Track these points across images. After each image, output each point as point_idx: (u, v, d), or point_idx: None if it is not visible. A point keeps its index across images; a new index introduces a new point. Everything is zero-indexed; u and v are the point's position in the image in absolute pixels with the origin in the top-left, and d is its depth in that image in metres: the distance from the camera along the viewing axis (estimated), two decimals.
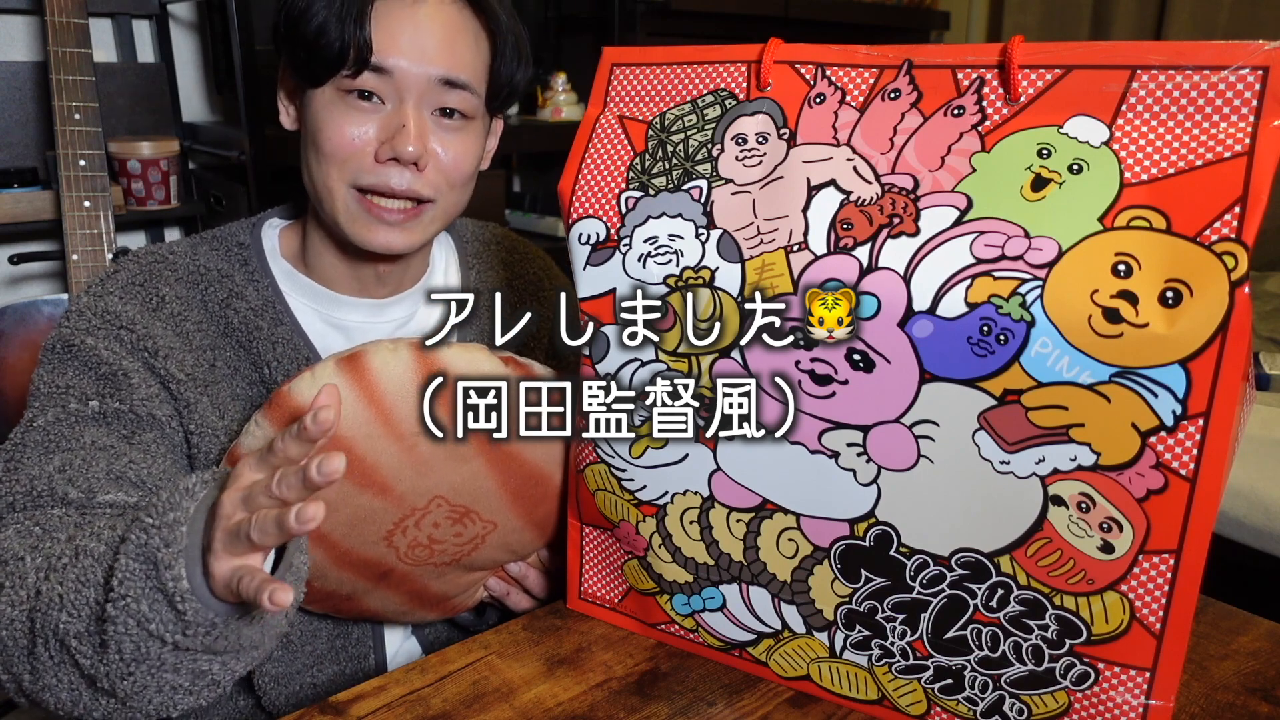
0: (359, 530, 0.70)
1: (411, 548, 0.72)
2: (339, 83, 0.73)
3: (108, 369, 0.72)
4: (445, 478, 0.70)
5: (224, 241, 0.82)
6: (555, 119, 1.96)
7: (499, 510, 0.73)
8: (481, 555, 0.76)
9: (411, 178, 0.74)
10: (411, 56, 0.72)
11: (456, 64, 0.74)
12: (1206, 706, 0.63)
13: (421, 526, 0.71)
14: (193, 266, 0.79)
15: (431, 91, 0.74)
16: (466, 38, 0.75)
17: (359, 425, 0.66)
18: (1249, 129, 0.47)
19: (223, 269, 0.79)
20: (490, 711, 0.63)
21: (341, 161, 0.74)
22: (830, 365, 0.55)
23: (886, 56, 0.57)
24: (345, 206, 0.75)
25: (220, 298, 0.78)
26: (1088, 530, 0.52)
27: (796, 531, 0.60)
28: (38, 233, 1.58)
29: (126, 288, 0.76)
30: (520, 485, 0.72)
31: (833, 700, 0.64)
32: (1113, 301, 0.48)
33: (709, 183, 0.60)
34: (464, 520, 0.73)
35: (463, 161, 0.77)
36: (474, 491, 0.71)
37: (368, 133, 0.73)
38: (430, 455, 0.68)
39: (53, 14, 1.36)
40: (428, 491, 0.70)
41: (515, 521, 0.75)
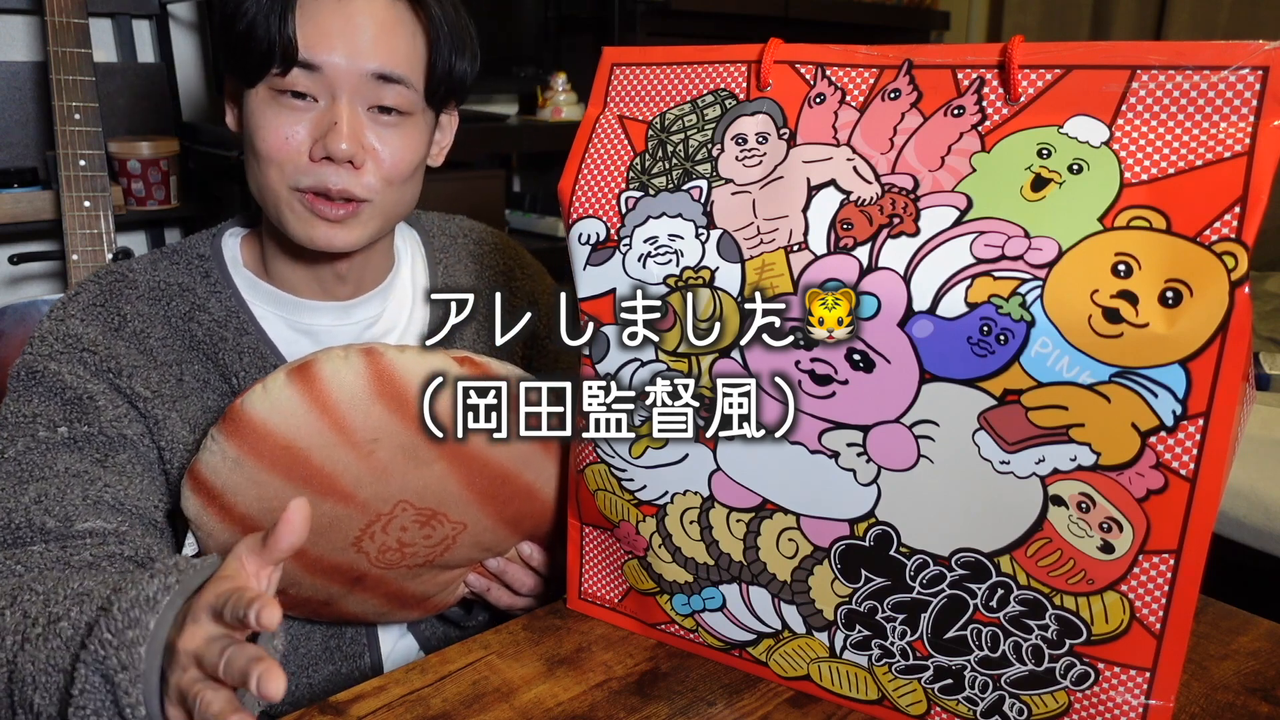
0: (326, 538, 0.69)
1: (382, 552, 0.72)
2: (271, 82, 0.72)
3: (73, 393, 0.71)
4: (407, 482, 0.69)
5: (184, 255, 0.81)
6: (555, 119, 1.96)
7: (467, 511, 0.72)
8: (455, 555, 0.75)
9: (347, 176, 0.73)
10: (341, 52, 0.71)
11: (389, 58, 0.72)
12: (1206, 706, 0.63)
13: (389, 531, 0.71)
14: (153, 283, 0.78)
15: (365, 87, 0.72)
16: (400, 30, 0.73)
17: (313, 435, 0.66)
18: (1249, 129, 0.47)
19: (184, 283, 0.79)
20: (490, 711, 0.63)
21: (279, 163, 0.73)
22: (830, 365, 0.55)
23: (886, 56, 0.57)
24: (288, 206, 0.74)
25: (183, 311, 0.77)
26: (1088, 530, 0.52)
27: (796, 531, 0.60)
28: (38, 233, 1.58)
29: (87, 309, 0.75)
30: (487, 485, 0.71)
31: (833, 700, 0.64)
32: (1113, 301, 0.48)
33: (709, 183, 0.60)
34: (432, 523, 0.72)
35: (402, 159, 0.75)
36: (439, 494, 0.70)
37: (300, 132, 0.72)
38: (388, 461, 0.67)
39: (53, 14, 1.36)
40: (391, 497, 0.69)
41: (486, 521, 0.74)
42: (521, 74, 2.00)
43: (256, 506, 0.68)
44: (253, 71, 0.71)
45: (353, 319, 0.83)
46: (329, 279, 0.81)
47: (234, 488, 0.67)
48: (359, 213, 0.75)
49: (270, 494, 0.67)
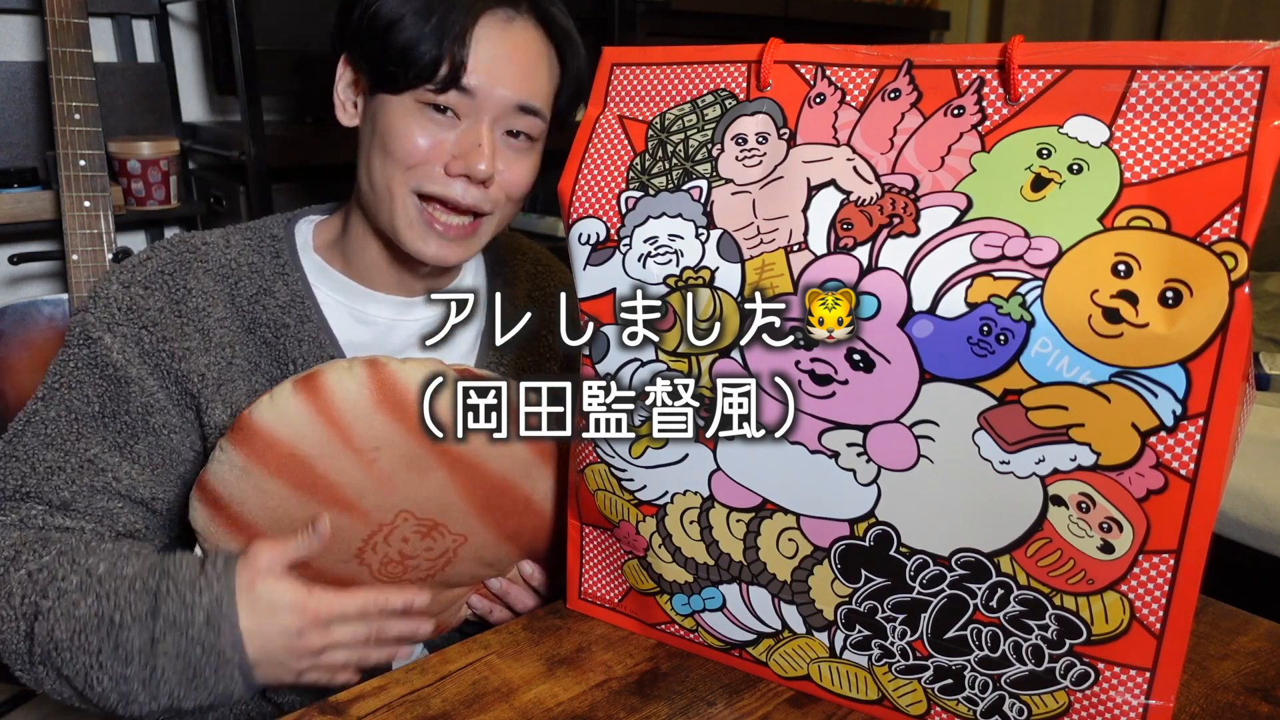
0: (330, 550, 0.70)
1: (384, 564, 0.73)
2: (421, 94, 0.74)
3: (115, 372, 0.74)
4: (409, 492, 0.70)
5: (257, 233, 0.83)
6: None
7: (468, 523, 0.73)
8: (457, 570, 0.76)
9: (476, 193, 0.76)
10: (495, 79, 0.74)
11: (534, 91, 0.77)
12: (1206, 706, 0.63)
13: (391, 542, 0.72)
14: (224, 260, 0.80)
15: (507, 114, 0.76)
16: (544, 66, 0.78)
17: (318, 443, 0.67)
18: (1249, 129, 0.47)
19: (254, 263, 0.80)
20: (490, 711, 0.63)
21: (409, 168, 0.75)
22: (830, 365, 0.55)
23: (886, 56, 0.57)
24: (405, 212, 0.77)
25: (249, 293, 0.79)
26: (1088, 530, 0.52)
27: (796, 531, 0.60)
28: (38, 233, 1.58)
29: (154, 276, 0.77)
30: (487, 496, 0.72)
31: (833, 700, 0.64)
32: (1113, 301, 0.48)
33: (709, 183, 0.60)
34: (433, 534, 0.73)
35: (524, 180, 0.80)
36: (440, 504, 0.71)
37: (441, 144, 0.75)
38: (391, 470, 0.69)
39: (53, 14, 1.36)
40: (393, 506, 0.70)
41: (487, 534, 0.75)
42: None
43: (262, 515, 0.69)
44: (408, 83, 0.74)
45: (414, 315, 0.85)
46: (408, 276, 0.84)
47: (240, 496, 0.68)
48: (479, 229, 0.79)
49: (275, 502, 0.68)
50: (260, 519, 0.69)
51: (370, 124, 0.78)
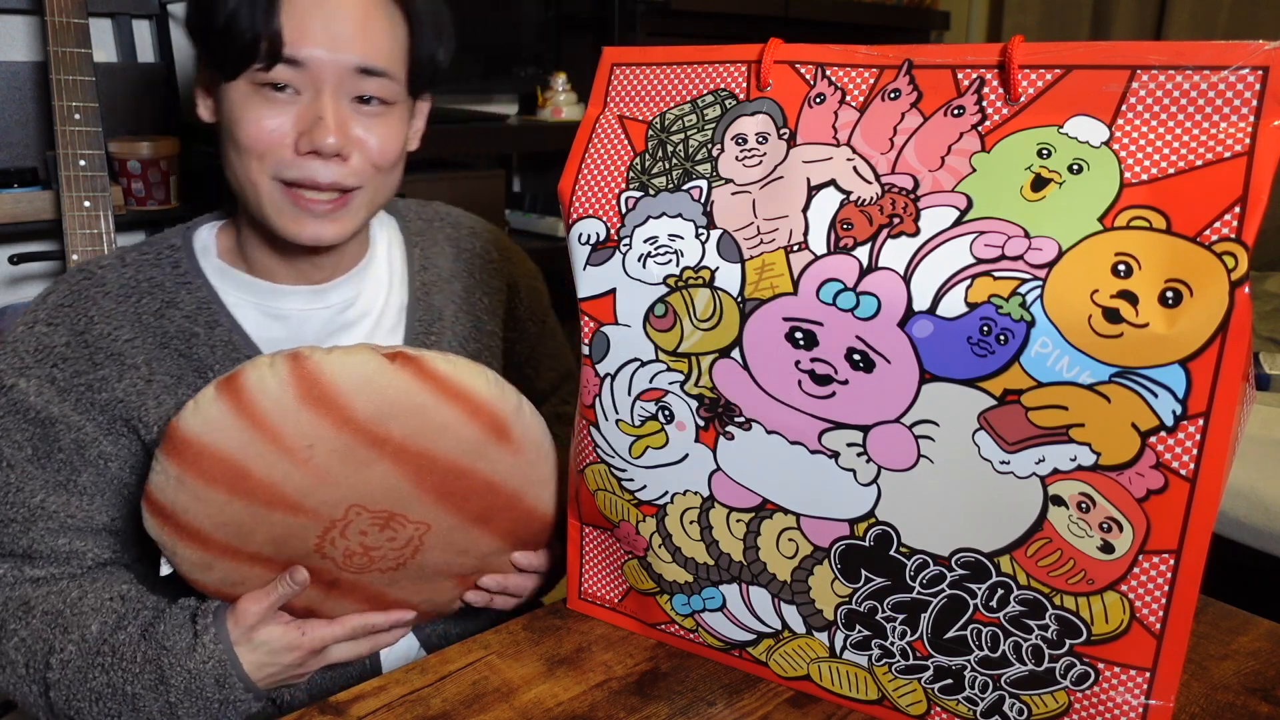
0: (288, 546, 0.70)
1: (347, 556, 0.71)
2: (252, 76, 0.71)
3: (37, 414, 0.73)
4: (354, 486, 0.67)
5: (154, 248, 0.81)
6: (555, 119, 1.96)
7: (425, 510, 0.70)
8: (428, 558, 0.73)
9: (336, 169, 0.73)
10: (325, 46, 0.71)
11: (372, 51, 0.72)
12: (1206, 706, 0.63)
13: (348, 536, 0.70)
14: (122, 280, 0.78)
15: (348, 80, 0.72)
16: (381, 22, 0.73)
17: (248, 447, 0.64)
18: (1249, 129, 0.47)
19: (154, 277, 0.78)
20: (490, 711, 0.63)
21: (260, 154, 0.73)
22: (830, 365, 0.55)
23: (886, 56, 0.57)
24: (270, 199, 0.74)
25: (154, 309, 0.77)
26: (1088, 530, 0.52)
27: (796, 531, 0.60)
28: (38, 233, 1.58)
29: (55, 312, 0.76)
30: (440, 483, 0.68)
31: (833, 700, 0.64)
32: (1113, 301, 0.48)
33: (709, 183, 0.60)
34: (392, 525, 0.70)
35: (388, 147, 0.76)
36: (390, 495, 0.68)
37: (285, 125, 0.72)
38: (328, 466, 0.66)
39: (53, 14, 1.36)
40: (340, 502, 0.67)
41: (450, 519, 0.71)
42: (521, 74, 2.00)
43: (209, 523, 0.67)
44: (234, 65, 0.71)
45: (326, 302, 0.83)
46: (305, 265, 0.81)
47: (184, 506, 0.67)
48: (349, 203, 0.76)
49: (217, 510, 0.67)
50: (207, 526, 0.67)
51: (220, 117, 0.76)
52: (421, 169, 1.74)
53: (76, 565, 0.74)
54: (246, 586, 0.72)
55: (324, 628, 0.73)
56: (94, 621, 0.70)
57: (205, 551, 0.69)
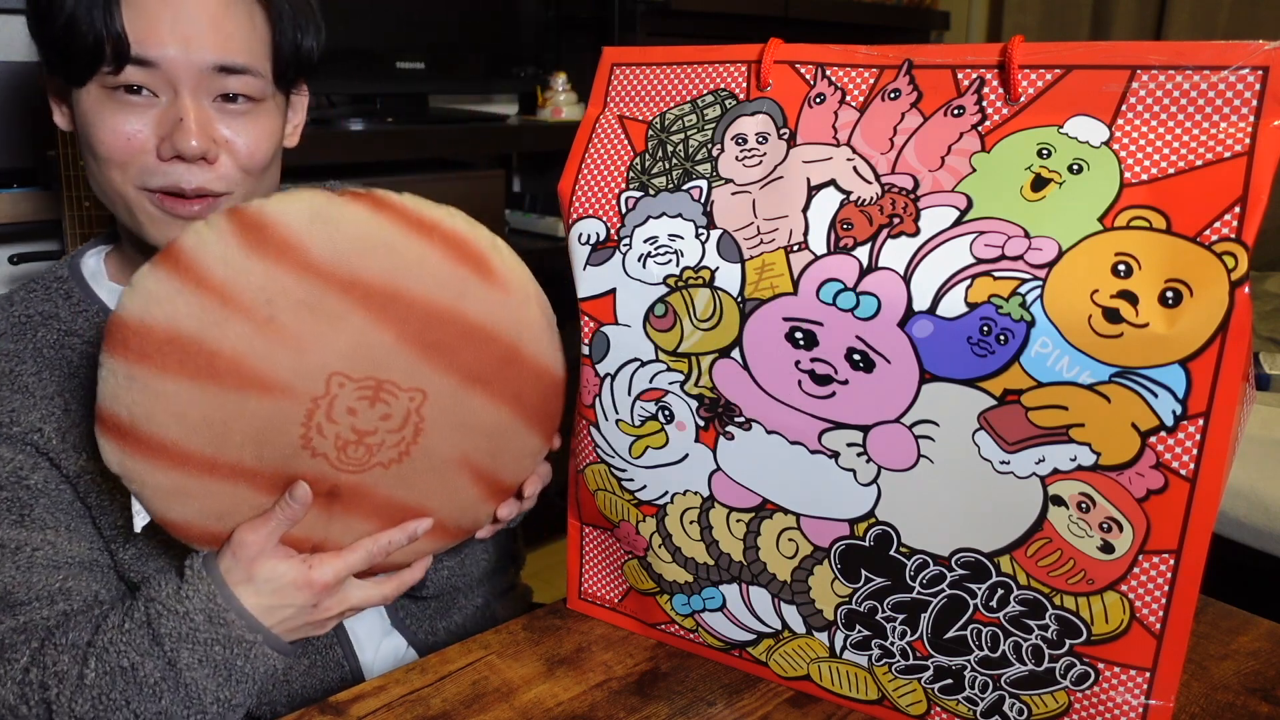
0: (271, 445, 0.61)
1: (340, 449, 0.62)
2: (102, 80, 0.66)
3: None
4: (329, 347, 0.59)
5: (40, 283, 0.76)
6: (555, 119, 1.96)
7: (415, 371, 0.61)
8: (434, 441, 0.64)
9: (201, 174, 0.69)
10: (176, 44, 0.66)
11: (229, 47, 0.68)
12: (1206, 706, 0.63)
13: (336, 418, 0.61)
14: (14, 318, 0.74)
15: (207, 80, 0.68)
16: (237, 15, 0.69)
17: (196, 314, 0.56)
18: (1249, 129, 0.47)
19: (45, 310, 0.74)
20: (490, 711, 0.63)
21: (122, 164, 0.68)
22: (830, 365, 0.55)
23: (886, 56, 0.57)
24: (141, 209, 0.70)
25: (52, 340, 0.73)
26: (1088, 530, 0.52)
27: (796, 531, 0.60)
28: (38, 233, 1.58)
29: None
30: (423, 329, 0.60)
31: (833, 700, 0.64)
32: (1113, 301, 0.48)
33: (709, 183, 0.60)
34: (382, 396, 0.61)
35: (258, 147, 0.71)
36: (372, 355, 0.60)
37: (144, 130, 0.67)
38: (294, 325, 0.58)
39: None
40: (318, 371, 0.59)
41: (444, 380, 0.62)
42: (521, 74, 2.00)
43: (175, 428, 0.59)
44: (81, 70, 0.66)
45: None
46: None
47: (143, 414, 0.58)
48: (217, 206, 0.71)
49: (180, 405, 0.58)
50: (173, 432, 0.58)
51: (78, 125, 0.70)
52: (421, 169, 1.74)
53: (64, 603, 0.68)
54: (234, 516, 0.63)
55: (333, 559, 0.65)
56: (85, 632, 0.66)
57: (177, 470, 0.60)
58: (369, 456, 0.63)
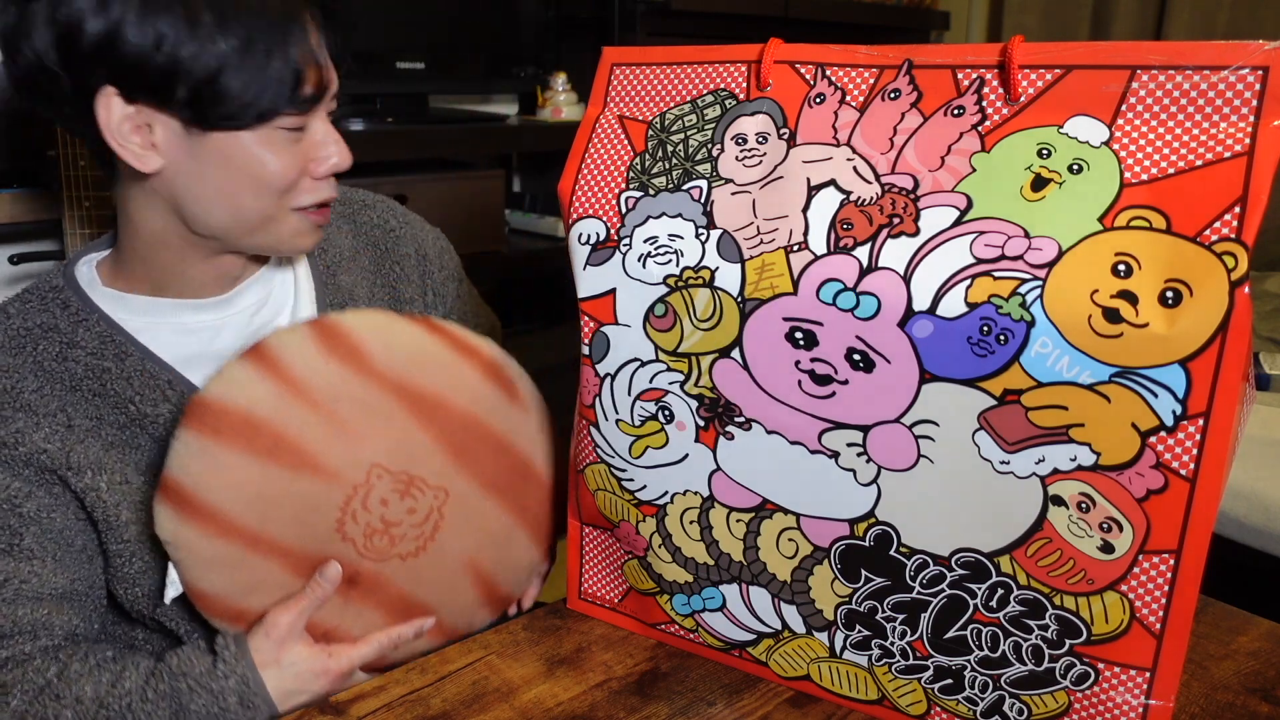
0: (308, 526, 0.68)
1: (368, 537, 0.70)
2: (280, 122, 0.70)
3: None
4: (376, 442, 0.68)
5: (35, 294, 0.76)
6: (555, 119, 1.96)
7: (444, 471, 0.71)
8: (448, 541, 0.72)
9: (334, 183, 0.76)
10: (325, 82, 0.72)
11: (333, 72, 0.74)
12: (1206, 706, 0.63)
13: (370, 506, 0.69)
14: (10, 331, 0.73)
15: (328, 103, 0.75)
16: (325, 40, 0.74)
17: (273, 403, 0.66)
18: (1249, 129, 0.47)
19: (44, 322, 0.73)
20: (490, 711, 0.63)
21: (284, 190, 0.72)
22: (830, 365, 0.55)
23: (886, 56, 0.57)
24: (292, 227, 0.74)
25: (53, 353, 0.73)
26: (1088, 530, 0.52)
27: (796, 531, 0.60)
28: (38, 233, 1.58)
29: None
30: (456, 436, 0.70)
31: (833, 700, 0.64)
32: (1113, 301, 0.48)
33: (709, 183, 0.60)
34: (412, 490, 0.70)
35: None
36: (410, 452, 0.70)
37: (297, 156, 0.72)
38: (352, 417, 0.68)
39: None
40: (363, 461, 0.68)
41: (467, 484, 0.72)
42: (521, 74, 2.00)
43: (228, 498, 0.66)
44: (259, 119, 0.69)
45: (237, 307, 0.80)
46: (229, 278, 0.79)
47: (204, 482, 0.65)
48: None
49: (240, 477, 0.65)
50: (226, 502, 0.65)
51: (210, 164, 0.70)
52: (421, 169, 1.74)
53: (46, 638, 0.69)
54: (261, 593, 0.69)
55: (351, 650, 0.70)
56: (87, 685, 0.67)
57: (221, 540, 0.66)
58: (390, 547, 0.71)
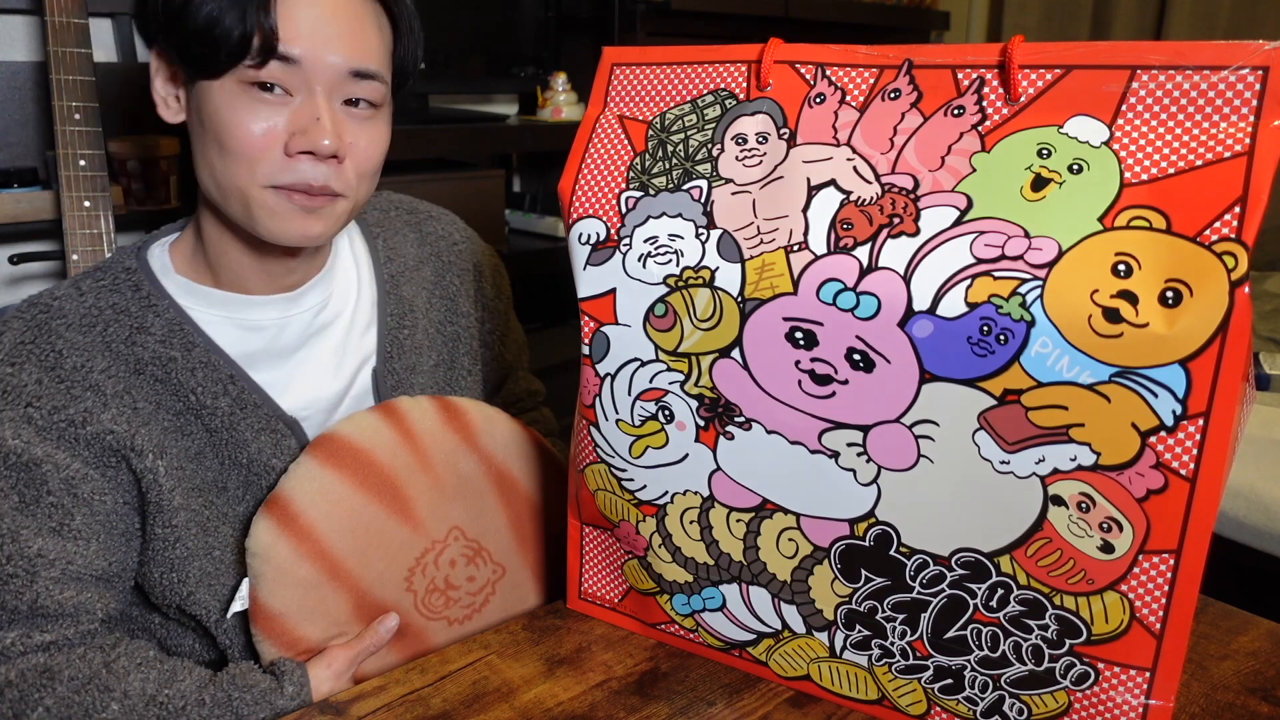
0: (384, 570, 0.75)
1: (430, 592, 0.77)
2: (241, 74, 0.68)
3: (17, 459, 0.69)
4: (463, 509, 0.78)
5: (109, 273, 0.76)
6: (555, 119, 1.96)
7: (507, 551, 0.81)
8: (490, 616, 0.81)
9: (327, 172, 0.72)
10: (319, 45, 0.69)
11: (366, 54, 0.72)
12: (1206, 706, 0.63)
13: (439, 565, 0.78)
14: (83, 309, 0.73)
15: (341, 83, 0.71)
16: (372, 24, 0.73)
17: (392, 451, 0.76)
18: (1249, 129, 0.47)
19: (117, 304, 0.74)
20: (490, 711, 0.63)
21: (252, 159, 0.70)
22: (830, 365, 0.55)
23: (886, 56, 0.57)
24: (262, 204, 0.71)
25: (123, 336, 0.73)
26: (1088, 530, 0.52)
27: (796, 531, 0.60)
28: (38, 233, 1.58)
29: (15, 350, 0.71)
30: (520, 521, 0.82)
31: (833, 700, 0.64)
32: (1113, 301, 0.48)
33: (709, 183, 0.60)
34: (477, 560, 0.80)
35: (376, 151, 0.76)
36: (485, 525, 0.80)
37: (276, 126, 0.70)
38: (452, 485, 0.78)
39: (53, 14, 1.36)
40: (447, 520, 0.78)
41: (521, 566, 0.82)
42: (521, 74, 2.00)
43: (328, 522, 0.72)
44: (221, 63, 0.68)
45: (301, 307, 0.81)
46: (279, 271, 0.79)
47: (312, 503, 0.72)
48: (335, 204, 0.74)
49: (343, 507, 0.73)
50: (324, 522, 0.72)
51: (197, 118, 0.72)
52: (421, 169, 1.74)
53: (87, 621, 0.70)
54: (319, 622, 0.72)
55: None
56: (135, 678, 0.67)
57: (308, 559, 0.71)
58: (444, 608, 0.79)
